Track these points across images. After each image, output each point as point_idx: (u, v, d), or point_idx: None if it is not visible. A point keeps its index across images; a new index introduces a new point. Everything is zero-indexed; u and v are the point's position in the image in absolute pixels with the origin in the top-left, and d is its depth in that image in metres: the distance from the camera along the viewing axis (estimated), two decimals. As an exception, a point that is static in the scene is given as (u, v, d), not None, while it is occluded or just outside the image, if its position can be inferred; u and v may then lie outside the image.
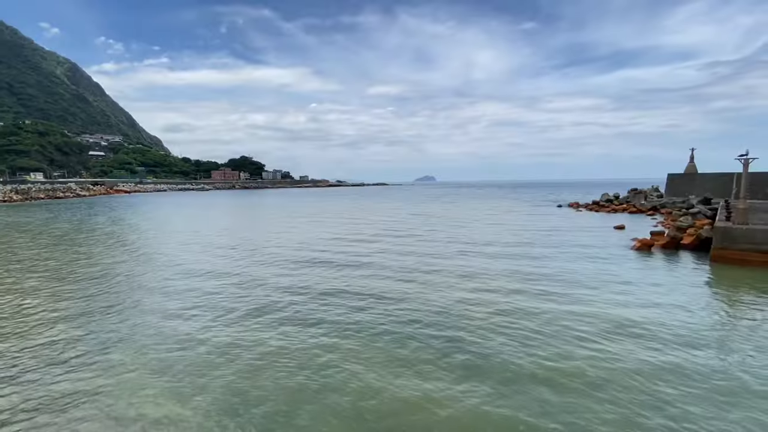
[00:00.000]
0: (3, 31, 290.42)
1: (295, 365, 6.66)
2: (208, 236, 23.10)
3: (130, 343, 7.53)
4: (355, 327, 8.39)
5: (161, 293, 11.11)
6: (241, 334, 7.96)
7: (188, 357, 6.99)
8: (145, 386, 5.96)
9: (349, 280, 12.33)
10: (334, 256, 16.23)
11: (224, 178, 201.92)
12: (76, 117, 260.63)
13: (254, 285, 11.99)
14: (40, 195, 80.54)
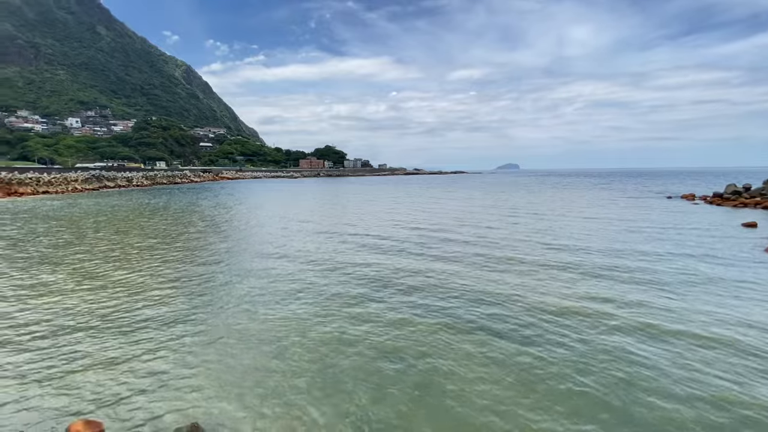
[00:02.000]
0: (136, 41, 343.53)
1: (382, 357, 6.73)
2: (306, 218, 24.84)
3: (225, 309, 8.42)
4: (444, 324, 8.22)
5: (265, 275, 12.21)
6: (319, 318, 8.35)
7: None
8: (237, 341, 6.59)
9: (431, 275, 11.76)
10: (413, 247, 15.93)
11: (310, 166, 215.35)
12: (189, 113, 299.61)
13: (334, 275, 12.48)
14: (164, 180, 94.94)
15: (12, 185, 53.14)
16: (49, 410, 5.27)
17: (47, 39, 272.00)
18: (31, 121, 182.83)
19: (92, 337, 7.57)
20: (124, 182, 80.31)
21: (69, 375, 6.17)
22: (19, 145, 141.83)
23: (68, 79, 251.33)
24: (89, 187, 67.38)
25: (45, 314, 8.78)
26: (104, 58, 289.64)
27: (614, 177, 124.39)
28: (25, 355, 6.82)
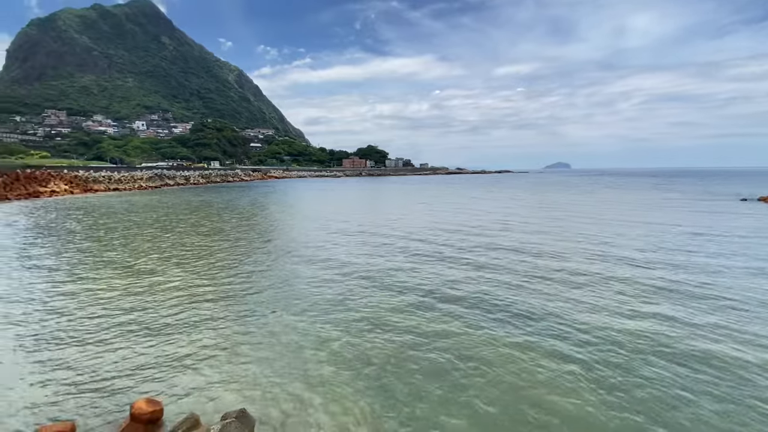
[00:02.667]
0: (194, 48, 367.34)
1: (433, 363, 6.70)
2: (347, 217, 25.37)
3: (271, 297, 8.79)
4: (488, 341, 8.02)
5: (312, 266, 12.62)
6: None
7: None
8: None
9: (474, 284, 11.08)
10: (454, 252, 14.92)
11: (353, 165, 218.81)
12: (241, 115, 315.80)
13: (374, 279, 12.56)
14: (217, 179, 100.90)
15: (89, 183, 59.19)
16: (116, 388, 5.77)
17: (118, 50, 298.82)
18: (104, 125, 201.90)
19: (154, 324, 8.19)
20: (182, 180, 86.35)
21: (131, 358, 6.73)
22: (94, 147, 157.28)
23: (135, 85, 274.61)
24: (152, 184, 73.26)
25: (110, 304, 9.63)
26: (167, 66, 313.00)
27: (680, 177, 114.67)
28: (94, 337, 7.53)
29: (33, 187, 48.68)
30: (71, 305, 9.28)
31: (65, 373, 6.19)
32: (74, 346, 7.14)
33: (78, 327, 7.97)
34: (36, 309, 9.05)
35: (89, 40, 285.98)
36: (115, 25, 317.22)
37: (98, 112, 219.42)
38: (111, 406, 5.32)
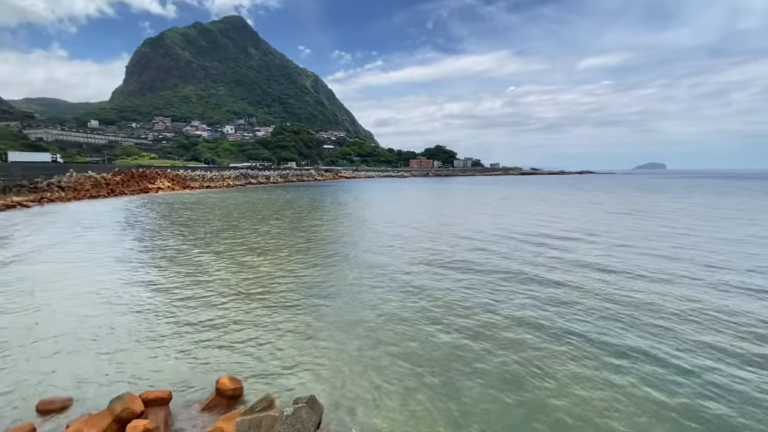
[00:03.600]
0: (276, 57, 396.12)
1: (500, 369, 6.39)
2: (413, 217, 25.43)
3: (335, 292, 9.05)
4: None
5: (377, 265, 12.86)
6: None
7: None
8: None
9: (547, 306, 9.58)
10: (523, 266, 12.44)
11: (420, 166, 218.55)
12: (316, 118, 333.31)
13: (441, 280, 12.29)
14: (293, 179, 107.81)
15: (186, 181, 67.34)
16: (205, 364, 6.35)
17: (213, 62, 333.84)
18: (200, 129, 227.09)
19: (240, 309, 8.90)
20: (263, 179, 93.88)
21: (219, 339, 7.36)
22: (192, 149, 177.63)
23: (226, 93, 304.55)
24: (238, 183, 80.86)
25: (203, 288, 10.67)
26: (252, 74, 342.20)
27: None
28: (187, 320, 8.39)
29: (144, 183, 56.55)
30: (172, 286, 10.48)
31: (165, 347, 6.98)
32: (173, 324, 8.02)
33: (178, 306, 8.96)
34: (142, 288, 10.39)
35: (190, 55, 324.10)
36: (211, 40, 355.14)
37: (195, 118, 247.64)
38: (200, 380, 5.86)
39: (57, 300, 9.31)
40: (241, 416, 4.32)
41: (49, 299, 9.35)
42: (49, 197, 39.63)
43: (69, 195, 42.50)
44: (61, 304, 9.06)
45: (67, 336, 7.32)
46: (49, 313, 8.47)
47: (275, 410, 4.44)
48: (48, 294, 9.75)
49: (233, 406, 5.21)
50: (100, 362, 6.37)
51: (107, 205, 36.54)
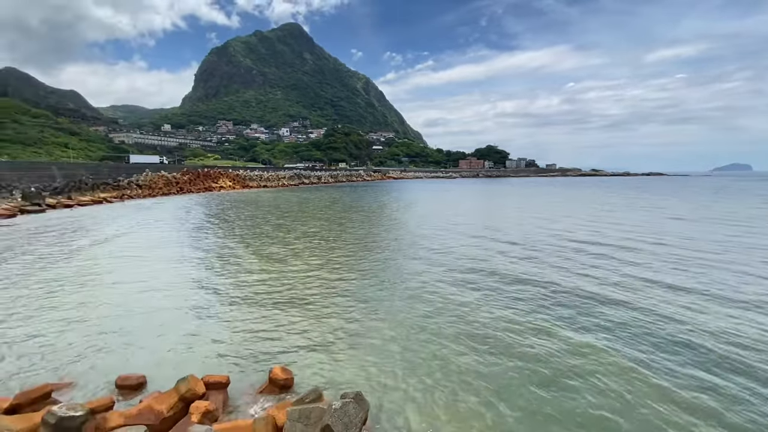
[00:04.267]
0: (330, 61, 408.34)
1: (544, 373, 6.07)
2: (459, 219, 24.99)
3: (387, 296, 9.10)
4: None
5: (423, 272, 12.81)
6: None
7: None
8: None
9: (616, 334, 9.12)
10: (579, 281, 10.98)
11: (470, 166, 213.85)
12: (366, 120, 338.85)
13: (491, 287, 11.89)
14: (343, 179, 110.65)
15: (245, 180, 71.82)
16: (261, 354, 6.69)
17: (271, 68, 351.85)
18: (258, 132, 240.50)
19: (295, 303, 9.28)
20: (315, 179, 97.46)
21: (273, 330, 7.71)
22: (251, 150, 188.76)
23: (282, 97, 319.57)
24: (291, 183, 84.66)
25: (258, 281, 11.25)
26: (307, 79, 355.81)
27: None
28: (242, 312, 8.89)
29: (208, 183, 61.07)
30: (231, 279, 11.20)
31: (224, 336, 7.46)
32: (231, 314, 8.55)
33: (235, 298, 9.55)
34: (204, 280, 11.19)
35: (251, 62, 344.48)
36: (269, 47, 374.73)
37: (254, 121, 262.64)
38: (255, 368, 6.18)
39: (130, 287, 10.33)
40: (291, 406, 4.48)
41: (123, 286, 10.40)
42: (129, 194, 44.15)
43: (145, 192, 47.06)
44: (133, 290, 10.03)
45: (139, 320, 8.08)
46: (124, 299, 9.41)
47: (323, 403, 4.55)
48: (122, 281, 10.84)
49: (284, 395, 5.43)
50: (168, 346, 6.95)
51: (176, 201, 39.93)
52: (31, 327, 7.64)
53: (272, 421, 4.30)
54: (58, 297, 9.46)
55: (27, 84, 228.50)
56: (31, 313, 8.35)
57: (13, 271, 11.82)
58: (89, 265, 12.68)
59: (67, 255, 14.12)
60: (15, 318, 8.10)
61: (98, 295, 9.66)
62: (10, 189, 33.62)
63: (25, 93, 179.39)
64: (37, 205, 30.30)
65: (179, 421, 4.57)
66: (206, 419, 4.47)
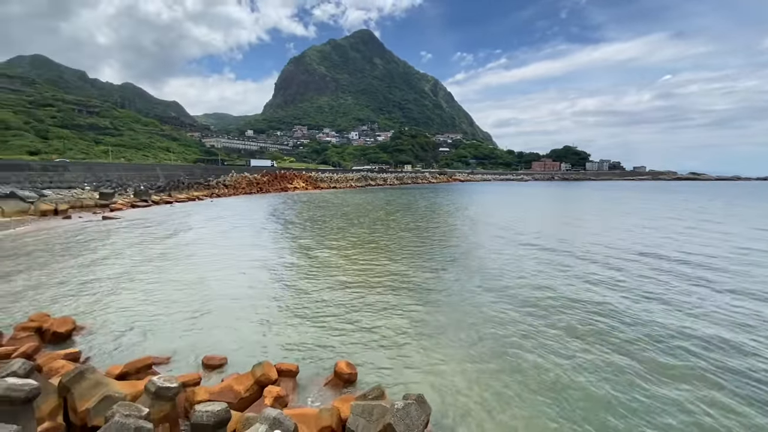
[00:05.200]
0: (399, 65, 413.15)
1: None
2: (528, 227, 23.70)
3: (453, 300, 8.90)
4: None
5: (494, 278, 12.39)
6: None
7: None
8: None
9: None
10: (673, 316, 8.64)
11: (544, 168, 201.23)
12: (433, 121, 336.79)
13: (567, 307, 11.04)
14: (408, 181, 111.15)
15: (317, 182, 75.79)
16: (325, 347, 6.97)
17: (343, 74, 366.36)
18: (329, 136, 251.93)
19: (362, 300, 9.55)
20: (381, 181, 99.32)
21: (340, 326, 8.00)
22: (322, 153, 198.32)
23: (353, 102, 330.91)
24: (358, 184, 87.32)
25: (329, 278, 11.74)
26: (376, 83, 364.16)
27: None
28: (310, 308, 9.33)
29: (283, 184, 65.46)
30: (303, 274, 11.86)
31: (295, 327, 7.91)
32: (302, 308, 9.05)
33: (306, 292, 10.09)
34: (279, 274, 11.99)
35: (324, 69, 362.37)
36: (342, 54, 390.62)
37: (326, 125, 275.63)
38: (321, 360, 6.46)
39: (215, 274, 11.43)
40: (355, 400, 4.59)
41: (209, 273, 11.54)
42: (217, 192, 49.04)
43: (230, 191, 51.94)
44: (218, 277, 11.09)
45: (223, 305, 8.91)
46: (210, 285, 10.44)
47: (386, 401, 4.60)
48: (209, 268, 12.04)
49: (347, 389, 5.59)
50: (246, 331, 7.57)
51: (257, 200, 43.44)
52: (135, 306, 8.84)
53: (337, 413, 4.45)
54: (158, 279, 10.83)
55: (140, 96, 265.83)
56: (136, 294, 9.67)
57: (125, 256, 13.80)
58: (181, 253, 14.32)
59: (164, 244, 16.12)
60: (125, 297, 9.44)
61: (189, 280, 10.86)
62: (125, 187, 39.34)
63: (138, 104, 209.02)
64: (144, 201, 35.08)
65: (254, 402, 4.94)
66: (277, 403, 4.77)
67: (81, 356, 6.24)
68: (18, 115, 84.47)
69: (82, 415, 4.18)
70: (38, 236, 17.89)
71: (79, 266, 12.43)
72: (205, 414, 3.43)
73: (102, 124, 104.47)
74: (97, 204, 30.58)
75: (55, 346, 6.68)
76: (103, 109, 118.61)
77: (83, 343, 6.92)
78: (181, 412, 4.63)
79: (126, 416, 3.13)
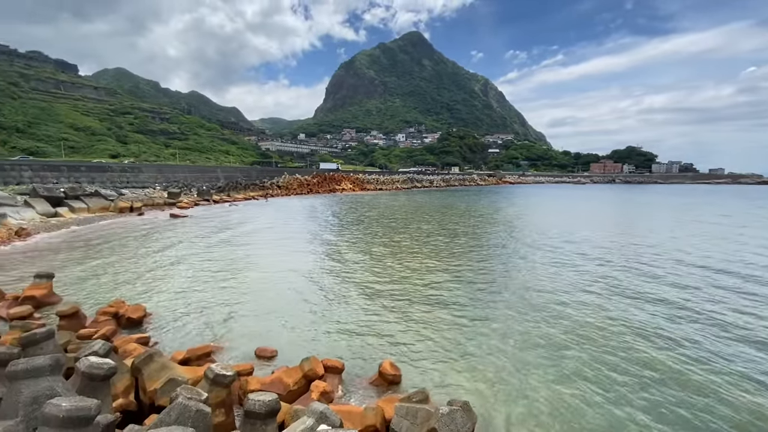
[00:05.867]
0: (448, 66, 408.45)
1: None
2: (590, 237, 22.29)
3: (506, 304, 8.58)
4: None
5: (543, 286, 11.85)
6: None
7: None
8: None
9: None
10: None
11: (604, 170, 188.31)
12: (482, 122, 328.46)
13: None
14: (455, 183, 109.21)
15: (363, 183, 76.93)
16: (371, 347, 7.04)
17: (391, 77, 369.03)
18: (377, 138, 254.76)
19: (410, 302, 9.55)
20: (427, 183, 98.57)
21: (387, 326, 8.04)
22: (369, 156, 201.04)
23: (400, 105, 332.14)
24: (404, 186, 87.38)
25: (375, 279, 11.85)
26: (424, 85, 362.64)
27: None
28: (360, 307, 9.45)
29: (332, 185, 67.30)
30: (351, 274, 12.10)
31: (342, 325, 8.08)
32: (349, 307, 9.23)
33: (353, 291, 10.28)
34: (327, 272, 12.31)
35: (373, 73, 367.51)
36: (391, 57, 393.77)
37: (374, 128, 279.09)
38: (366, 360, 6.53)
39: (270, 269, 11.99)
40: (399, 402, 4.58)
41: (265, 268, 12.14)
42: (271, 193, 51.53)
43: (283, 192, 54.39)
44: (272, 272, 11.62)
45: (275, 299, 9.33)
46: (264, 279, 10.97)
47: (431, 405, 4.53)
48: (265, 264, 12.66)
49: (391, 390, 5.59)
50: (296, 326, 7.85)
51: (307, 200, 45.06)
52: (197, 295, 9.52)
53: (381, 413, 4.47)
54: (218, 272, 11.59)
55: (204, 103, 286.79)
56: (197, 285, 10.41)
57: (188, 250, 14.93)
58: (239, 249, 15.21)
59: (224, 240, 17.22)
60: (188, 288, 10.20)
61: (246, 275, 11.50)
62: (190, 187, 42.61)
63: (203, 111, 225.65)
64: (206, 200, 37.78)
65: (302, 396, 5.11)
66: (323, 398, 4.89)
67: (150, 341, 6.84)
68: (102, 122, 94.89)
69: (151, 395, 4.57)
70: (116, 230, 19.92)
71: (149, 257, 13.66)
72: (258, 403, 3.60)
73: (171, 129, 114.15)
74: (166, 202, 33.43)
75: (129, 330, 7.39)
76: (173, 116, 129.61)
77: (151, 328, 7.58)
78: (235, 399, 4.91)
79: (188, 399, 3.38)
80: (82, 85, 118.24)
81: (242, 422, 3.77)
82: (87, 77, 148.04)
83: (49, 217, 22.39)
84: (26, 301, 8.16)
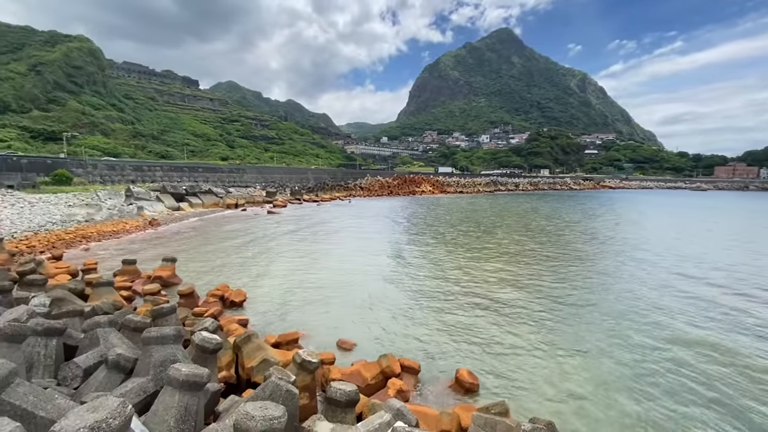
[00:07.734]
0: (540, 62, 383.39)
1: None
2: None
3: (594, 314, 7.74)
4: None
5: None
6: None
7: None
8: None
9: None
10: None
11: (732, 175, 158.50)
12: (579, 120, 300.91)
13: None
14: (544, 187, 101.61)
15: (444, 186, 75.99)
16: (448, 353, 6.94)
17: (477, 77, 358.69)
18: (459, 140, 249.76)
19: (490, 309, 9.25)
20: (512, 186, 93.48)
21: (466, 334, 7.86)
22: (451, 157, 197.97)
23: (485, 105, 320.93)
24: (487, 189, 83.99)
25: (455, 284, 11.65)
26: (513, 83, 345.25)
27: None
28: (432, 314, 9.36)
29: (412, 187, 67.83)
30: (431, 277, 12.09)
31: (420, 327, 8.12)
32: (428, 309, 9.23)
33: (434, 294, 10.26)
34: (408, 274, 12.45)
35: (458, 74, 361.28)
36: (477, 56, 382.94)
37: (457, 130, 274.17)
38: (442, 365, 6.46)
39: (354, 266, 12.54)
40: (476, 411, 4.44)
41: (349, 264, 12.73)
42: (354, 194, 53.91)
43: (364, 193, 56.49)
44: (356, 267, 12.14)
45: (358, 295, 9.74)
46: (348, 275, 11.51)
47: (510, 420, 4.31)
48: (349, 260, 13.29)
49: (467, 397, 5.44)
50: (376, 322, 8.10)
51: (388, 202, 46.11)
52: (288, 285, 10.38)
53: (457, 419, 4.38)
54: (308, 264, 12.51)
55: (298, 111, 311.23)
56: (290, 275, 11.34)
57: (282, 243, 16.36)
58: (327, 245, 16.20)
59: (314, 235, 18.49)
60: (282, 276, 11.17)
61: (333, 269, 12.22)
62: (284, 187, 46.64)
63: (297, 117, 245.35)
64: (298, 199, 41.03)
65: (379, 390, 5.25)
66: (399, 396, 4.97)
67: (248, 323, 7.66)
68: (215, 129, 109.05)
69: (248, 371, 5.12)
70: (223, 223, 22.71)
71: (249, 247, 15.31)
72: (339, 392, 3.80)
73: (270, 135, 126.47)
74: (264, 200, 37.19)
75: (232, 311, 8.37)
76: (272, 123, 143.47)
77: (249, 312, 8.48)
78: (318, 385, 5.24)
79: (280, 379, 3.71)
80: (201, 97, 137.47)
81: (324, 408, 4.01)
82: (205, 90, 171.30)
83: (174, 210, 26.51)
84: (155, 280, 9.74)
